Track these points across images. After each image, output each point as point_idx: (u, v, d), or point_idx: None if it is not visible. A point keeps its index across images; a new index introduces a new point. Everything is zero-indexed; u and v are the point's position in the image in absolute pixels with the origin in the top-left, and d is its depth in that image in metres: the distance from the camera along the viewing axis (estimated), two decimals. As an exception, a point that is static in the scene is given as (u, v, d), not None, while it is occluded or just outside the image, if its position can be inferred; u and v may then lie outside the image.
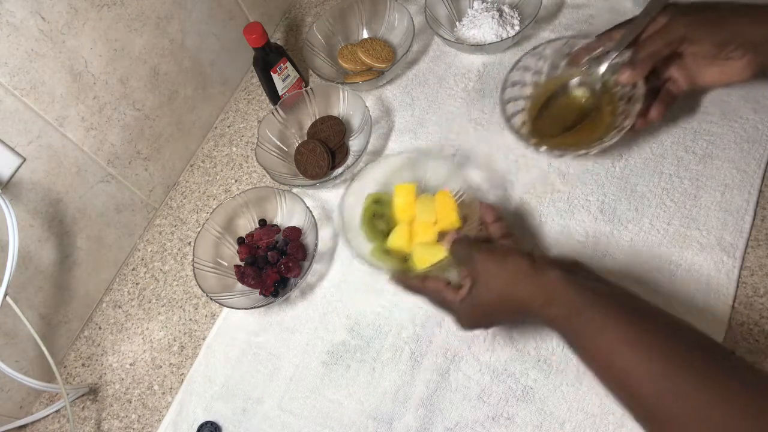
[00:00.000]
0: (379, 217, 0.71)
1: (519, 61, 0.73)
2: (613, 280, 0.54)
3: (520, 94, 0.74)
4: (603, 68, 0.68)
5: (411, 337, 0.69)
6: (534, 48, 0.73)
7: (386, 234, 0.69)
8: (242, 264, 0.76)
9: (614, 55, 0.67)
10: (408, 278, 0.62)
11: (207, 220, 0.77)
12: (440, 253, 0.63)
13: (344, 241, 0.72)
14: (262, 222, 0.80)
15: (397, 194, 0.70)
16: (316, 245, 0.74)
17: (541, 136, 0.70)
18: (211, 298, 0.72)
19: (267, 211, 0.81)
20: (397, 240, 0.68)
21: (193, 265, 0.74)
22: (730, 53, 0.60)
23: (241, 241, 0.79)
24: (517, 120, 0.72)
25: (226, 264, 0.78)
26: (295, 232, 0.77)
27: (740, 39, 0.60)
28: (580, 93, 0.71)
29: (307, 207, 0.75)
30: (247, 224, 0.81)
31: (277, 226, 0.80)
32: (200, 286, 0.73)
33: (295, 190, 0.84)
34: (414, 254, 0.66)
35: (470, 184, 0.72)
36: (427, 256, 0.64)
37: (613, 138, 0.65)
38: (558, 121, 0.71)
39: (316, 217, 0.75)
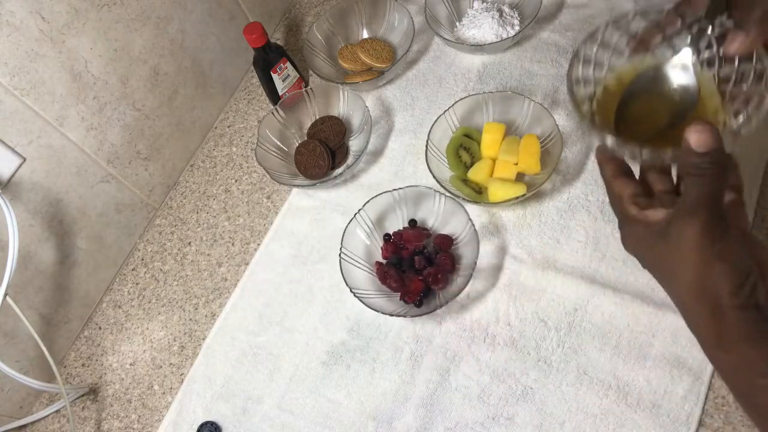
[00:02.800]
0: (465, 149, 0.76)
1: (597, 31, 0.51)
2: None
3: (592, 76, 0.52)
4: (695, 47, 0.48)
5: (411, 337, 0.69)
6: (618, 18, 0.50)
7: (467, 166, 0.75)
8: (384, 263, 0.72)
9: (706, 26, 0.47)
10: (606, 165, 0.48)
11: (360, 210, 0.73)
12: (515, 190, 0.69)
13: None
14: (412, 222, 0.75)
15: (486, 131, 0.75)
16: (475, 263, 0.66)
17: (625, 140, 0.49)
18: (354, 294, 0.68)
19: (421, 211, 0.75)
20: (477, 173, 0.74)
21: (340, 257, 0.70)
22: None
23: (387, 238, 0.74)
24: (586, 108, 0.51)
25: (369, 261, 0.73)
26: (446, 241, 0.72)
27: None
28: (670, 85, 0.50)
29: (469, 218, 0.69)
30: (396, 221, 0.75)
31: (428, 230, 0.74)
32: (344, 279, 0.69)
33: (295, 190, 0.84)
34: (490, 188, 0.72)
35: (560, 133, 0.72)
36: (502, 192, 0.70)
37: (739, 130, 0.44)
38: (644, 124, 0.50)
39: (478, 229, 0.69)
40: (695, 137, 0.38)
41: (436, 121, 0.76)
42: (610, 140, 0.45)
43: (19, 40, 0.64)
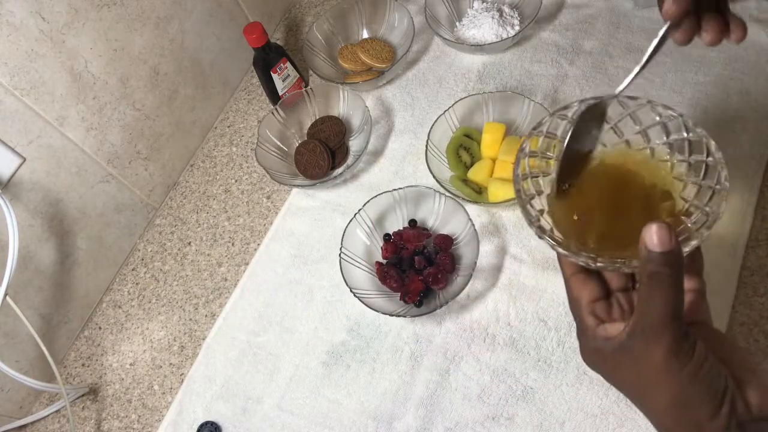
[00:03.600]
0: (464, 149, 0.76)
1: (541, 124, 0.48)
2: None
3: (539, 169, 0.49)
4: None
5: (411, 337, 0.69)
6: (561, 109, 0.48)
7: (467, 166, 0.75)
8: (384, 263, 0.72)
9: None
10: (563, 260, 0.45)
11: (360, 210, 0.73)
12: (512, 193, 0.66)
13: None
14: (412, 222, 0.75)
15: (487, 131, 0.75)
16: (475, 263, 0.67)
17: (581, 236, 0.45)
18: (354, 294, 0.68)
19: (421, 211, 0.75)
20: (477, 173, 0.74)
21: (340, 257, 0.70)
22: None
23: (387, 238, 0.74)
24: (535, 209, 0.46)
25: (368, 260, 0.73)
26: (446, 241, 0.72)
27: None
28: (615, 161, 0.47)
29: (469, 218, 0.69)
30: (396, 221, 0.76)
31: (428, 230, 0.74)
32: (344, 279, 0.69)
33: (295, 190, 0.84)
34: (490, 188, 0.72)
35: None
36: (502, 192, 0.70)
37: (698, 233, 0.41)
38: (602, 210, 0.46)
39: (478, 229, 0.69)
40: (653, 235, 0.37)
41: (436, 121, 0.76)
42: (559, 249, 0.42)
43: (19, 40, 0.64)
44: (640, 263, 0.38)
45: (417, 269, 0.70)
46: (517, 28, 0.85)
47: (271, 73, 0.86)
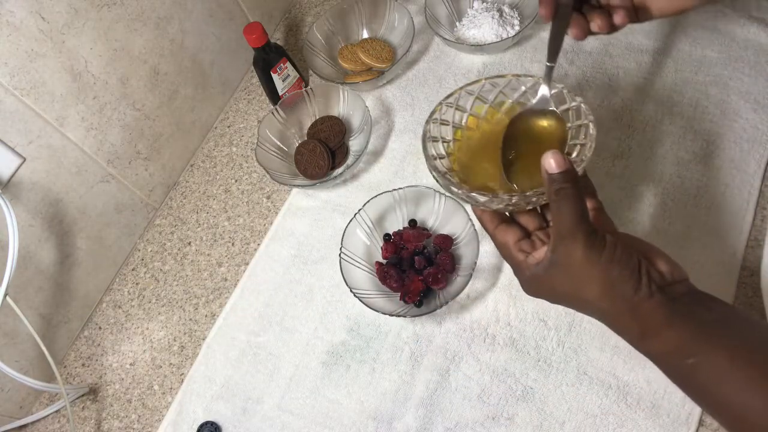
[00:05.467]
0: None
1: (451, 96, 0.59)
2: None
3: (449, 135, 0.59)
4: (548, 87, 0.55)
5: (411, 337, 0.69)
6: (470, 84, 0.59)
7: None
8: (384, 263, 0.72)
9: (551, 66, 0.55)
10: (485, 217, 0.53)
11: (360, 210, 0.73)
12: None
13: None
14: (412, 222, 0.75)
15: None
16: (475, 263, 0.66)
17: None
18: (354, 294, 0.68)
19: (421, 211, 0.75)
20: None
21: (340, 257, 0.70)
22: None
23: (387, 238, 0.74)
24: (441, 165, 0.56)
25: (368, 260, 0.73)
26: (446, 241, 0.72)
27: None
28: (539, 125, 0.56)
29: (469, 217, 0.68)
30: (396, 221, 0.76)
31: (428, 230, 0.74)
32: (344, 279, 0.69)
33: (295, 190, 0.84)
34: None
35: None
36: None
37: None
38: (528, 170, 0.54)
39: (477, 229, 0.68)
40: (550, 160, 0.44)
41: None
42: (483, 198, 0.50)
43: (19, 40, 0.64)
44: (546, 186, 0.45)
45: (417, 269, 0.70)
46: (517, 28, 0.85)
47: (271, 73, 0.86)
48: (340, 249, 0.71)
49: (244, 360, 0.73)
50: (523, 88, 0.57)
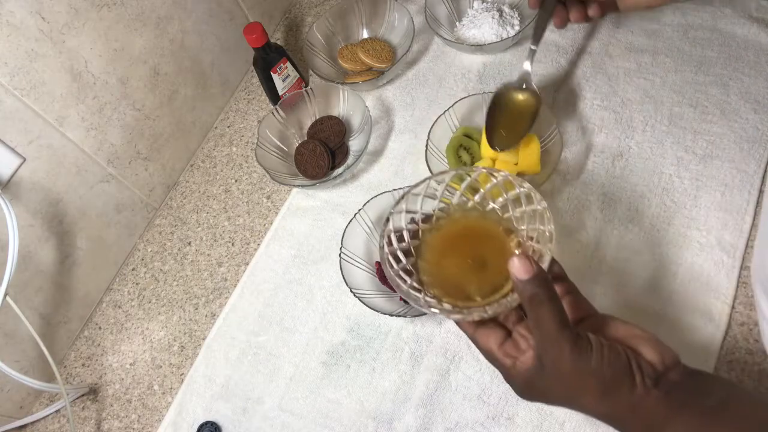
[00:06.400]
0: (464, 149, 0.76)
1: (401, 201, 0.53)
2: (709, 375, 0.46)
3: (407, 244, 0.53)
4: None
5: (411, 337, 0.69)
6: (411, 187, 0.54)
7: (467, 166, 0.75)
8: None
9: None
10: (462, 324, 0.50)
11: (360, 210, 0.73)
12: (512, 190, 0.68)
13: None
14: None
15: None
16: None
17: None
18: (354, 294, 0.68)
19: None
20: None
21: (340, 257, 0.71)
22: None
23: None
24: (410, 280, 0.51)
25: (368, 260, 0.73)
26: None
27: None
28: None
29: None
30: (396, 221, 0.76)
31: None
32: (344, 279, 0.69)
33: (295, 190, 0.84)
34: None
35: (560, 132, 0.72)
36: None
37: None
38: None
39: None
40: (517, 266, 0.43)
41: (436, 121, 0.76)
42: (456, 316, 0.47)
43: (19, 40, 0.64)
44: (518, 293, 0.44)
45: None
46: (517, 28, 0.85)
47: (271, 73, 0.86)
48: (340, 249, 0.71)
49: (244, 360, 0.73)
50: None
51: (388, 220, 0.52)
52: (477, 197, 0.54)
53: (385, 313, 0.66)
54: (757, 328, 0.60)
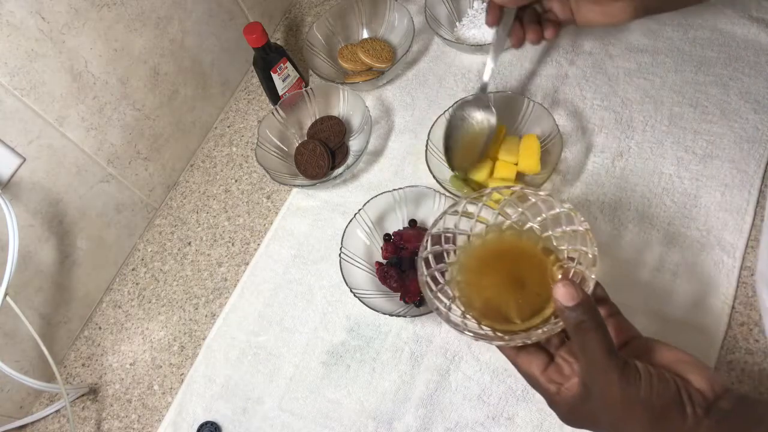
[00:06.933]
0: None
1: (432, 232, 0.52)
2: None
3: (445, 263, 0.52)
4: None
5: (411, 337, 0.69)
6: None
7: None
8: (384, 263, 0.72)
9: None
10: (504, 348, 0.48)
11: (360, 210, 0.73)
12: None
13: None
14: (412, 222, 0.75)
15: None
16: None
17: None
18: (354, 294, 0.68)
19: (421, 211, 0.75)
20: (477, 173, 0.73)
21: (340, 257, 0.71)
22: None
23: (387, 238, 0.74)
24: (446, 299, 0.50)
25: (368, 260, 0.73)
26: None
27: None
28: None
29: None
30: (396, 221, 0.75)
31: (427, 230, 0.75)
32: (344, 279, 0.69)
33: (295, 190, 0.84)
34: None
35: (560, 132, 0.72)
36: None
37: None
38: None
39: None
40: (563, 293, 0.41)
41: (436, 121, 0.76)
42: (498, 343, 0.45)
43: (19, 40, 0.64)
44: (562, 320, 0.42)
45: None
46: (517, 28, 0.85)
47: (271, 73, 0.86)
48: (340, 249, 0.71)
49: (244, 360, 0.73)
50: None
51: (426, 241, 0.50)
52: (514, 216, 0.51)
53: (385, 313, 0.66)
54: (757, 328, 0.60)
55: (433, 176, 0.72)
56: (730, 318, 0.61)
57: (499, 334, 0.46)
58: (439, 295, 0.49)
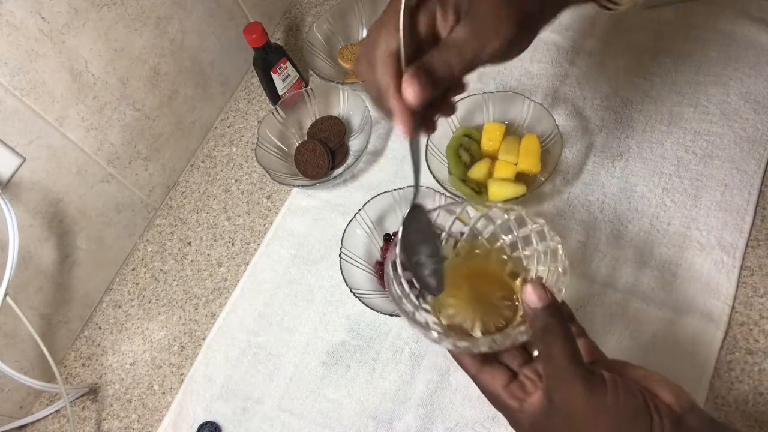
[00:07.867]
0: (465, 149, 0.76)
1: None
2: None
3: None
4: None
5: (411, 337, 0.69)
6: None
7: (467, 166, 0.75)
8: (383, 262, 0.71)
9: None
10: (465, 360, 0.46)
11: (360, 210, 0.73)
12: (515, 190, 0.69)
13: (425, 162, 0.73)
14: None
15: (486, 131, 0.76)
16: None
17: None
18: (354, 294, 0.68)
19: None
20: (477, 172, 0.74)
21: (340, 257, 0.70)
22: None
23: (387, 238, 0.74)
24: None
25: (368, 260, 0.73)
26: None
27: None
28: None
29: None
30: (396, 221, 0.75)
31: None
32: (344, 279, 0.69)
33: (295, 190, 0.84)
34: (490, 188, 0.72)
35: (560, 132, 0.72)
36: (502, 191, 0.71)
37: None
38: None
39: None
40: (531, 293, 0.41)
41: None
42: (463, 344, 0.43)
43: (19, 40, 0.64)
44: (529, 323, 0.41)
45: None
46: (517, 28, 0.85)
47: (271, 73, 0.86)
48: (340, 249, 0.71)
49: (244, 360, 0.73)
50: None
51: (396, 243, 0.49)
52: (486, 233, 0.51)
53: (385, 313, 0.66)
54: (757, 328, 0.61)
55: (433, 176, 0.72)
56: (730, 318, 0.61)
57: (465, 344, 0.44)
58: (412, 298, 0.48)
